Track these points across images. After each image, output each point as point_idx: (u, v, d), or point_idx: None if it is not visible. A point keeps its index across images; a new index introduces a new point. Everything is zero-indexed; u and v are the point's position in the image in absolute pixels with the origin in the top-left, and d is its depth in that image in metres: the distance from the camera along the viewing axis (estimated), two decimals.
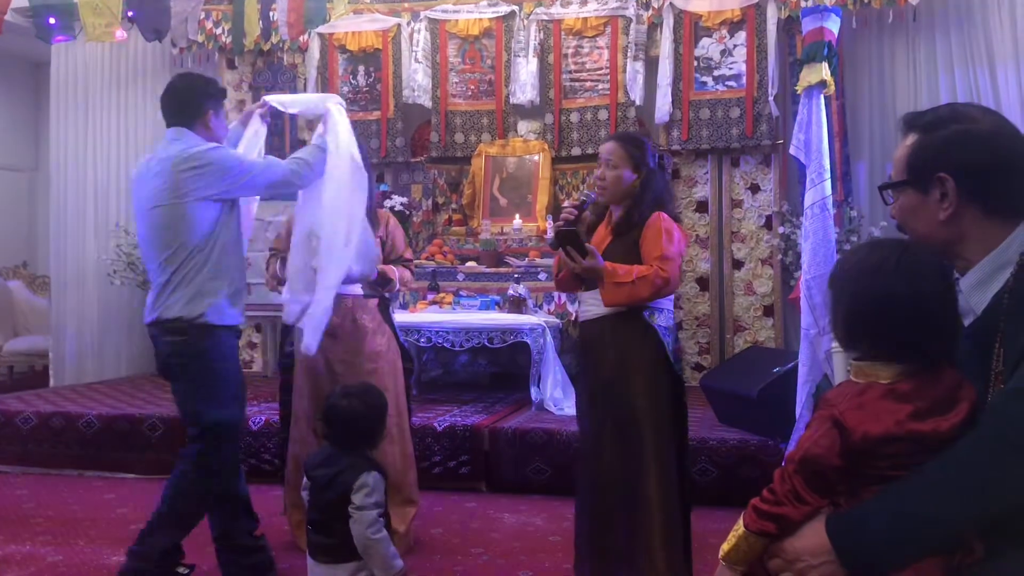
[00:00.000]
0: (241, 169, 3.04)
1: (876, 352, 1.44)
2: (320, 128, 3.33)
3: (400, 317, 4.85)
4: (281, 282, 3.56)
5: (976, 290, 1.43)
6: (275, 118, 6.93)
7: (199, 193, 2.97)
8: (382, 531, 2.39)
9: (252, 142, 3.38)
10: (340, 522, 2.40)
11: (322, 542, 2.46)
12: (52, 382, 7.09)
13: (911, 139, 1.50)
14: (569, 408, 5.02)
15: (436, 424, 4.68)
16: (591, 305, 2.96)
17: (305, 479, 2.57)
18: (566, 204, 3.04)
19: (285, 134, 7.03)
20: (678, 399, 2.93)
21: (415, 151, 6.92)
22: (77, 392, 6.17)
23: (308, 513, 2.53)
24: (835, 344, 3.55)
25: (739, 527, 1.49)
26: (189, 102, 3.14)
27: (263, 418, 4.92)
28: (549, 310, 5.91)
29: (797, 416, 3.77)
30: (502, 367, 6.16)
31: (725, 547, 1.50)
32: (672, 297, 2.98)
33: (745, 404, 4.44)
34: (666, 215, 2.93)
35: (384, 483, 2.46)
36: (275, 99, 3.46)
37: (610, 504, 2.88)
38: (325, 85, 6.80)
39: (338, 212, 3.15)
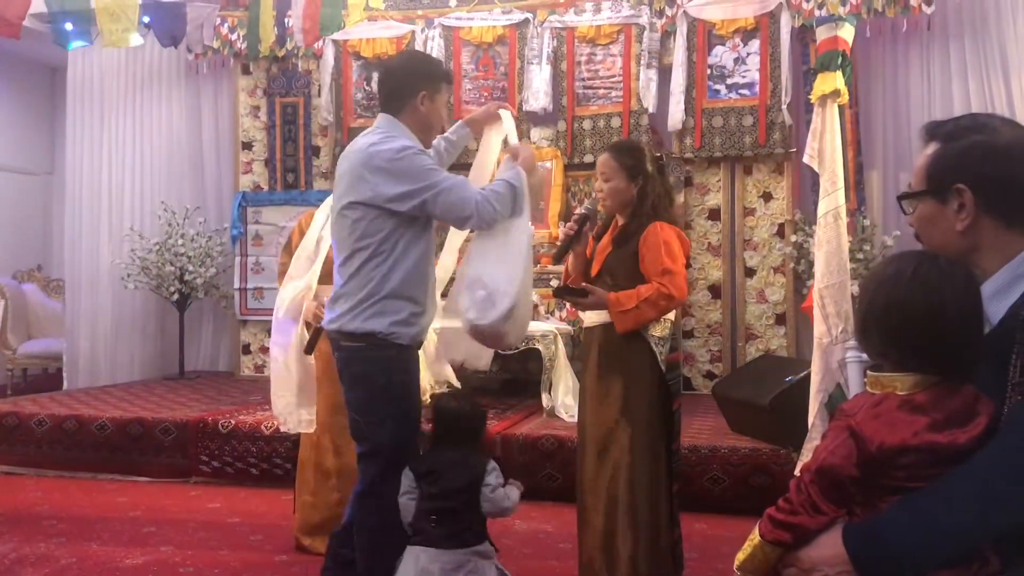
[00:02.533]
0: (425, 178, 2.63)
1: (893, 361, 1.44)
2: (507, 161, 2.85)
3: None
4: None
5: (993, 300, 1.43)
6: (288, 124, 7.07)
7: (378, 195, 2.64)
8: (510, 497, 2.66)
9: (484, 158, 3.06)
10: (468, 508, 2.59)
11: (449, 531, 2.58)
12: (66, 385, 7.14)
13: (931, 148, 1.50)
14: None
15: None
16: (588, 314, 3.03)
17: (407, 483, 2.63)
18: (572, 218, 3.07)
19: (299, 139, 7.07)
20: (667, 408, 2.92)
21: None
22: (90, 395, 6.20)
23: (430, 505, 2.60)
24: (850, 353, 3.55)
25: (754, 536, 1.49)
26: (398, 86, 2.78)
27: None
28: (561, 317, 5.92)
29: (810, 425, 3.75)
30: (513, 373, 6.17)
31: (740, 556, 1.50)
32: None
33: (757, 412, 4.43)
34: (664, 224, 2.91)
35: None
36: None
37: (590, 509, 2.92)
38: (339, 91, 6.83)
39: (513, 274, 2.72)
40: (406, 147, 2.65)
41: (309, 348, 3.47)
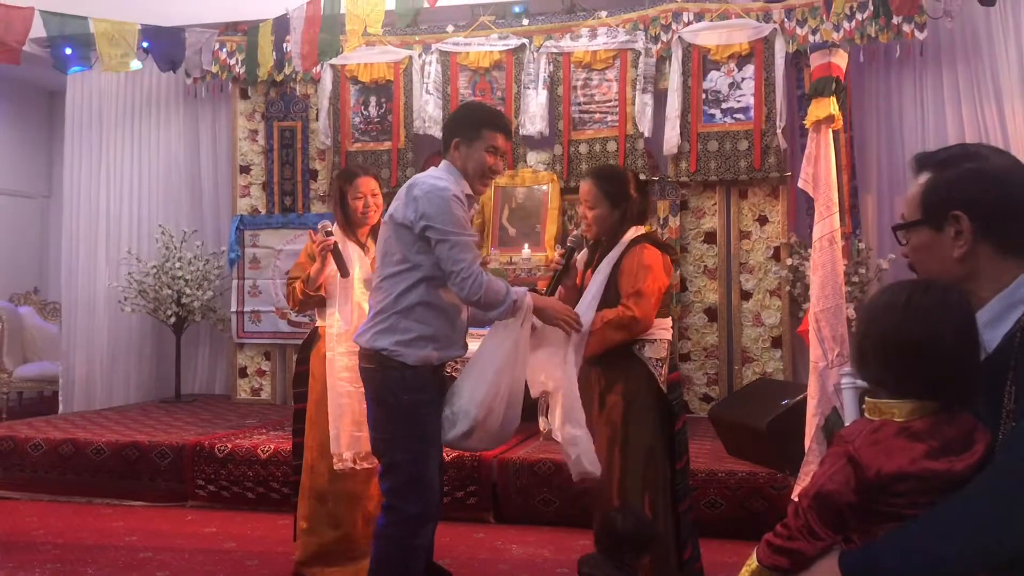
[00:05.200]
0: (445, 222, 2.74)
1: (890, 388, 1.45)
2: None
3: None
4: (305, 305, 3.62)
5: (988, 327, 1.44)
6: (286, 147, 7.09)
7: (406, 217, 2.79)
8: None
9: None
10: None
11: None
12: (61, 408, 7.11)
13: (923, 178, 1.52)
14: None
15: (444, 454, 4.67)
16: None
17: None
18: (558, 252, 3.09)
19: (297, 163, 7.09)
20: (669, 428, 2.96)
21: None
22: (86, 419, 6.18)
23: None
24: (845, 379, 3.56)
25: (752, 561, 1.50)
26: (445, 134, 3.01)
27: (272, 446, 4.93)
28: None
29: (806, 449, 3.75)
30: None
31: None
32: (667, 327, 3.01)
33: (754, 436, 4.42)
34: (650, 247, 2.94)
35: None
36: None
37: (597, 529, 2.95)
38: (337, 116, 6.86)
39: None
40: (449, 191, 2.78)
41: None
